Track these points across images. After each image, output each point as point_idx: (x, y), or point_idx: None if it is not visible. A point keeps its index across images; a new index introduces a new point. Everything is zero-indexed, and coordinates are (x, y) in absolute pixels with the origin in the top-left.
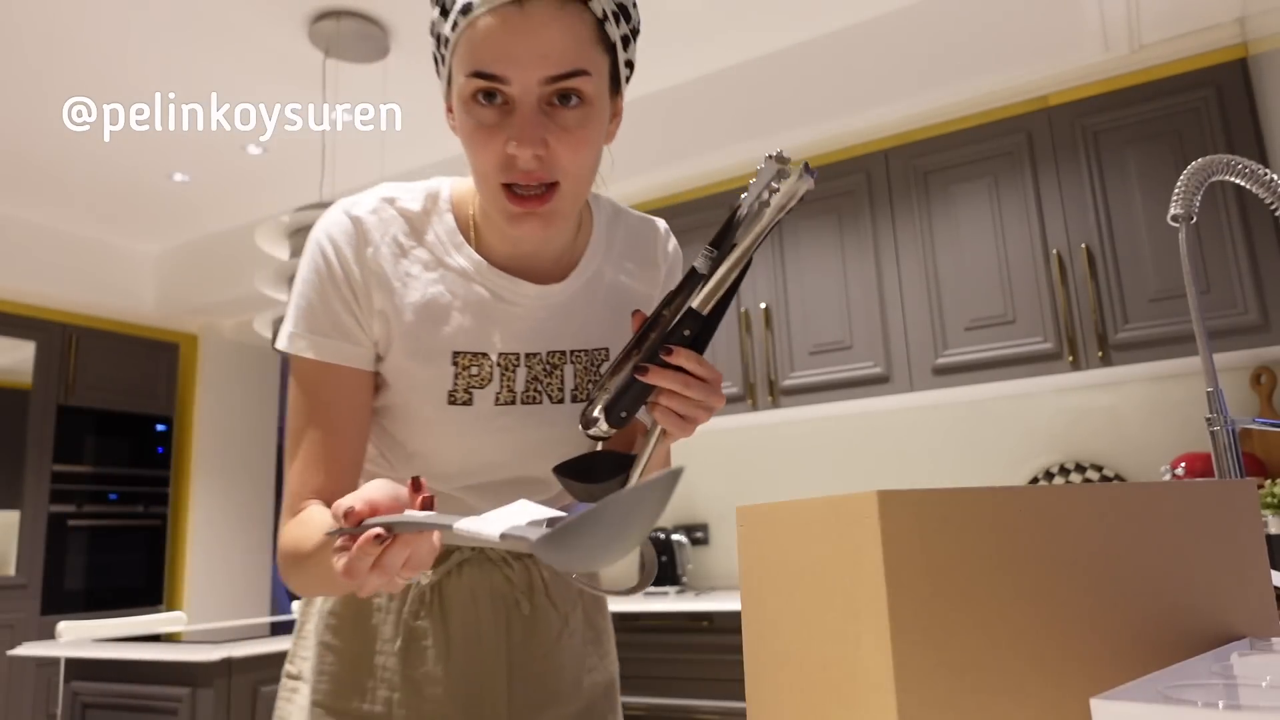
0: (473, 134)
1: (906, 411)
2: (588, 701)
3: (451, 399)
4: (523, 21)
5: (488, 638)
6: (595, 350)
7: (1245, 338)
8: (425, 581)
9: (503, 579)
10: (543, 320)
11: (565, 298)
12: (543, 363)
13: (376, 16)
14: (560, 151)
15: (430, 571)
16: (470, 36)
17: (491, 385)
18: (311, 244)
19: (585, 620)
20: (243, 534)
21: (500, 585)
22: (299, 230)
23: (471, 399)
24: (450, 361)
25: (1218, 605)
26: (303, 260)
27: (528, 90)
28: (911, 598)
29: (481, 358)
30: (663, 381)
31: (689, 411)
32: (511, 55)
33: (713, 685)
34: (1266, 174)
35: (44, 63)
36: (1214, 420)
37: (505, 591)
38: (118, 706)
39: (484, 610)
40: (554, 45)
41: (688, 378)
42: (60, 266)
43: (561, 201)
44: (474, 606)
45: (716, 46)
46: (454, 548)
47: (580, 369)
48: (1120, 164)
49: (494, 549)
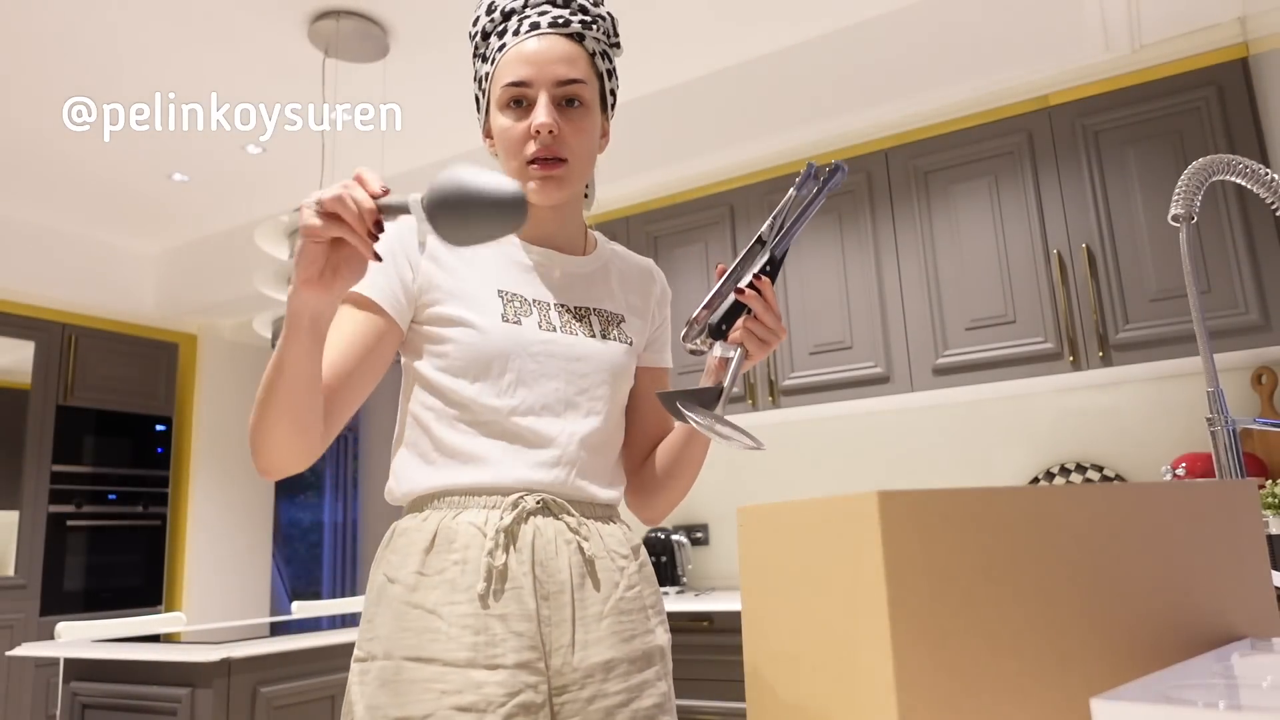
0: (506, 131)
1: (906, 411)
2: (644, 654)
3: (504, 318)
4: (540, 48)
5: (556, 576)
6: (614, 313)
7: (1246, 338)
8: (502, 523)
9: (565, 526)
10: (568, 284)
11: (585, 271)
12: (571, 311)
13: (376, 16)
14: (568, 134)
15: (503, 515)
16: (503, 63)
17: (533, 316)
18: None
19: (639, 587)
20: (242, 534)
21: (564, 531)
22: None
23: (521, 322)
24: (496, 295)
25: (1218, 605)
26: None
27: (544, 89)
28: (911, 598)
29: (520, 297)
30: (753, 302)
31: (767, 335)
32: (533, 67)
33: (713, 685)
34: (1267, 173)
35: (44, 63)
36: (1214, 420)
37: (569, 536)
38: (117, 707)
39: (551, 548)
40: (562, 61)
41: (766, 303)
42: (60, 266)
43: (569, 173)
44: (544, 545)
45: (716, 46)
46: (521, 497)
47: (603, 320)
48: (1121, 164)
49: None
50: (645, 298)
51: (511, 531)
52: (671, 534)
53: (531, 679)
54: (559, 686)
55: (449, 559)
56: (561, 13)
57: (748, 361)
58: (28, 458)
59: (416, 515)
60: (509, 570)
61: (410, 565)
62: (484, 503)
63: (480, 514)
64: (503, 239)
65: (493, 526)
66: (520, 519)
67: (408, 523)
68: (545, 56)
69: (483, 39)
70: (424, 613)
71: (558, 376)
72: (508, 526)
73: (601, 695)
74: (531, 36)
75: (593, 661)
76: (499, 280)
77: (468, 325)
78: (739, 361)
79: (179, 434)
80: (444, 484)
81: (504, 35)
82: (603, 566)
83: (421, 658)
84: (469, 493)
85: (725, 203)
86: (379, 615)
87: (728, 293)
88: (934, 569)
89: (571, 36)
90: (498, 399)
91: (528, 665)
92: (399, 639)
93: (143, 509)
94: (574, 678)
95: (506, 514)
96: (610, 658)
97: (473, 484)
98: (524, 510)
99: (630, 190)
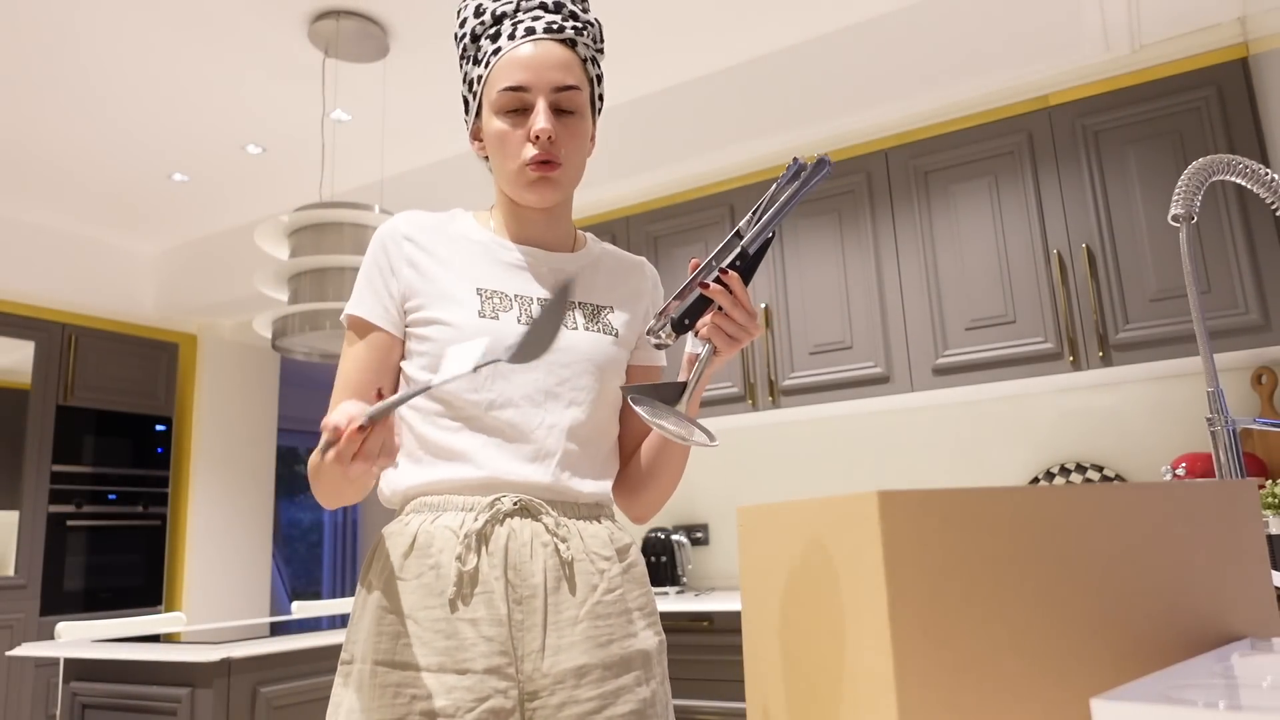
0: (503, 135)
1: (907, 411)
2: (621, 659)
3: (480, 315)
4: (536, 53)
5: (529, 579)
6: (600, 305)
7: (1246, 337)
8: (474, 526)
9: (543, 527)
10: (554, 279)
11: (573, 267)
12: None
13: (376, 16)
14: (564, 139)
15: (477, 517)
16: (500, 67)
17: (513, 311)
18: (371, 243)
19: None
20: (242, 534)
21: (541, 533)
22: (298, 230)
23: (499, 317)
24: (474, 293)
25: (1218, 605)
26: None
27: (542, 94)
28: (911, 598)
29: (500, 294)
30: (719, 296)
31: (735, 331)
32: (530, 72)
33: (713, 685)
34: (1267, 173)
35: (44, 63)
36: (1215, 420)
37: (546, 538)
38: (117, 707)
39: (526, 551)
40: (559, 67)
41: (735, 298)
42: (60, 266)
43: (564, 176)
44: (518, 548)
45: (716, 46)
46: (498, 499)
47: (588, 312)
48: (1121, 164)
49: (534, 501)
50: (636, 291)
51: (484, 534)
52: (671, 534)
53: (501, 684)
54: (530, 692)
55: (425, 563)
56: (555, 18)
57: (716, 358)
58: (28, 458)
59: (400, 519)
60: (480, 574)
61: (389, 569)
62: (462, 504)
63: (457, 517)
64: (487, 240)
65: (465, 530)
66: (495, 520)
67: (392, 527)
68: (542, 62)
69: (472, 41)
70: (397, 617)
71: (537, 368)
72: (480, 529)
73: (572, 701)
74: (527, 42)
75: (564, 667)
76: (478, 279)
77: (443, 324)
78: (706, 358)
79: (179, 434)
80: (426, 481)
81: (497, 39)
82: (581, 569)
83: (394, 662)
84: (451, 491)
85: (725, 203)
86: (361, 619)
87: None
88: (934, 569)
89: (565, 42)
90: (475, 394)
91: (497, 670)
92: (374, 643)
93: (143, 509)
94: (544, 684)
95: (482, 515)
96: (583, 663)
97: (454, 480)
98: (499, 512)
99: (630, 190)
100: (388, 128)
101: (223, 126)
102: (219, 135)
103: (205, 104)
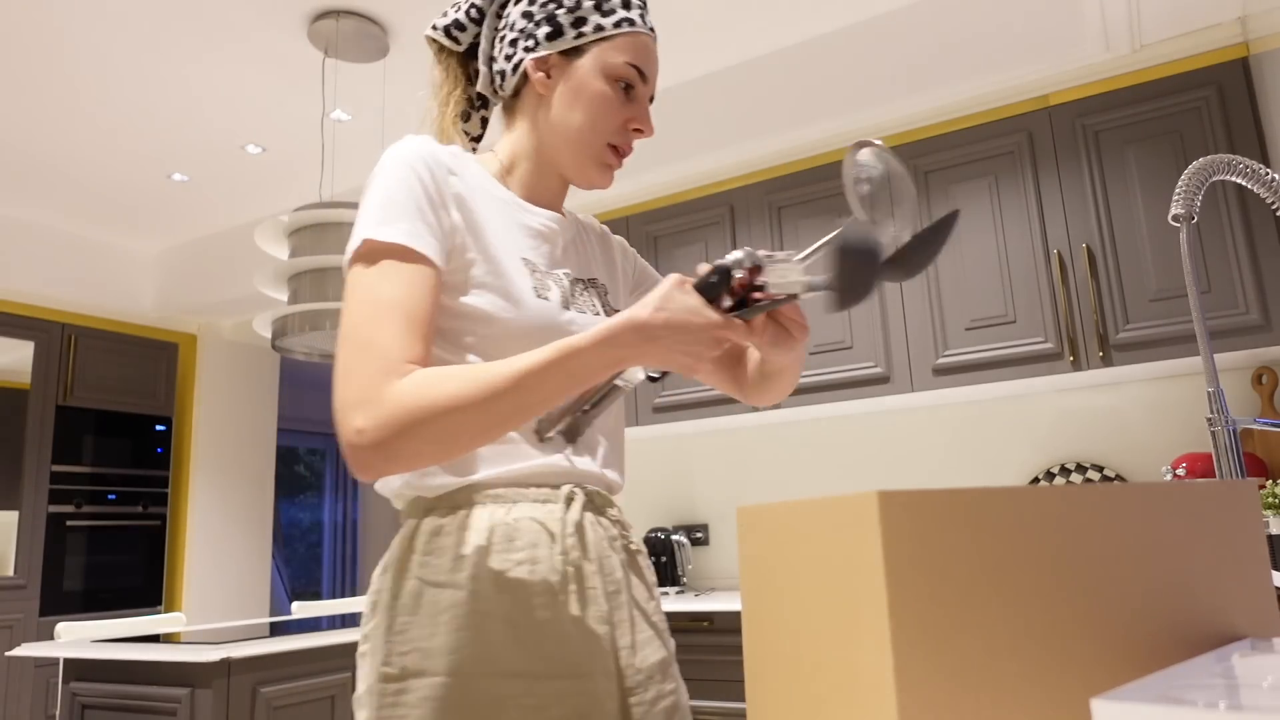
0: (606, 101)
1: (906, 411)
2: (672, 650)
3: (537, 294)
4: (652, 50)
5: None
6: (604, 283)
7: (1246, 338)
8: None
9: (609, 520)
10: (564, 249)
11: (572, 234)
12: (584, 283)
13: (376, 16)
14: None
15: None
16: (632, 42)
17: (553, 291)
18: (393, 162)
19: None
20: (242, 534)
21: (610, 526)
22: (298, 230)
23: (549, 297)
24: (521, 264)
25: (1219, 606)
26: (383, 174)
27: (649, 92)
28: (911, 598)
29: (537, 268)
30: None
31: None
32: (652, 65)
33: (713, 685)
34: (1267, 173)
35: (44, 63)
36: (1215, 420)
37: (615, 532)
38: (117, 707)
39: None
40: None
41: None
42: (59, 266)
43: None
44: (598, 541)
45: (716, 46)
46: (572, 490)
47: (599, 292)
48: (1121, 163)
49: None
50: (611, 261)
51: (581, 528)
52: (671, 534)
53: (610, 685)
54: (629, 689)
55: (511, 559)
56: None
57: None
58: (27, 458)
59: (451, 513)
60: (583, 570)
61: (464, 569)
62: (534, 495)
63: (537, 509)
64: (508, 199)
65: (559, 521)
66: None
67: (443, 521)
68: (654, 61)
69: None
70: (494, 621)
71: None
72: (579, 521)
73: (661, 695)
74: (647, 34)
75: (651, 661)
76: (518, 247)
77: (504, 297)
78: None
79: (179, 434)
80: (485, 475)
81: (628, 8)
82: (642, 561)
83: (498, 672)
84: (515, 484)
85: (725, 203)
86: (419, 626)
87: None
88: (934, 569)
89: None
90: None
91: (605, 671)
92: (462, 651)
93: (142, 509)
94: (638, 679)
95: (576, 508)
96: (663, 656)
97: (519, 473)
98: (577, 505)
99: (630, 190)
100: (388, 128)
101: (222, 126)
102: (219, 135)
103: (205, 104)
